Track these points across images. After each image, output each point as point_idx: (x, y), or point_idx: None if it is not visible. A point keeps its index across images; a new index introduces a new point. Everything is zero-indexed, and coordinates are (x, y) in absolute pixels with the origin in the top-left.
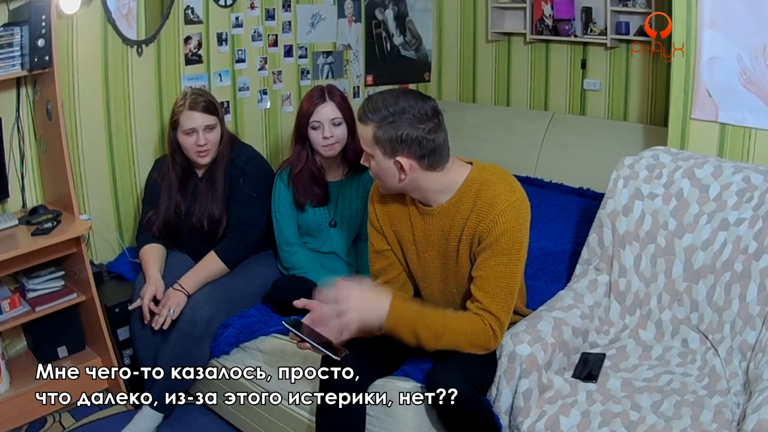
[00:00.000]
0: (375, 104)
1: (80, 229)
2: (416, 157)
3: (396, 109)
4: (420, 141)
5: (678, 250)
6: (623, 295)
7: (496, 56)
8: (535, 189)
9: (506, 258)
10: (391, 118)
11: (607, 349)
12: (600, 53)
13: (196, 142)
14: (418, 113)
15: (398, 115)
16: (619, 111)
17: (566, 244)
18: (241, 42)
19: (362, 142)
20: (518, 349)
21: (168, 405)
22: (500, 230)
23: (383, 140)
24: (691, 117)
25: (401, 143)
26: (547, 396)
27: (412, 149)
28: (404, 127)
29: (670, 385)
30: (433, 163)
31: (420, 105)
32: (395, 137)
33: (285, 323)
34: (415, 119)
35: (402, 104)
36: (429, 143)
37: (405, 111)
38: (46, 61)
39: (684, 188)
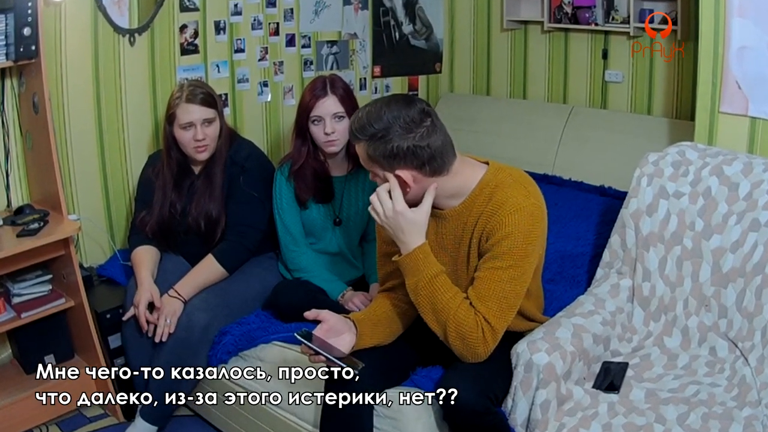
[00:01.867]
0: (360, 122)
1: (69, 230)
2: (415, 167)
3: (381, 125)
4: (414, 151)
5: (705, 252)
6: (647, 300)
7: (511, 46)
8: (553, 187)
9: (507, 262)
10: (380, 134)
11: (630, 357)
12: (622, 43)
13: (193, 137)
14: (404, 122)
15: (385, 129)
16: (643, 104)
17: (586, 246)
18: (240, 31)
19: (361, 160)
20: (535, 358)
21: (162, 416)
22: (505, 232)
23: (377, 157)
24: (719, 110)
25: (395, 158)
26: (566, 408)
27: (408, 160)
28: (394, 140)
29: (697, 396)
30: (435, 168)
31: (405, 112)
32: (388, 152)
33: (297, 335)
34: (403, 130)
35: (386, 117)
36: (424, 150)
37: (391, 124)
38: (33, 51)
39: (712, 186)
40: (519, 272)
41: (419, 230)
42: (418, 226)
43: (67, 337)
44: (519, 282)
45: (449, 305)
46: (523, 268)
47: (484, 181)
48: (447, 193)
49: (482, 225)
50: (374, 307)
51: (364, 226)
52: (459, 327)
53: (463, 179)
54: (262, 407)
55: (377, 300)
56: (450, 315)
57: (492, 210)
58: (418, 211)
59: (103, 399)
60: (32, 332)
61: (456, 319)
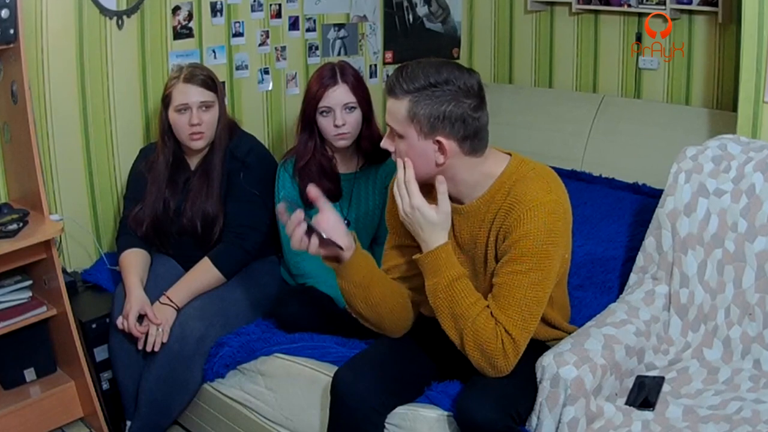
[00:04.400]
0: (412, 73)
1: (50, 232)
2: (458, 137)
3: (438, 80)
4: (464, 119)
5: (749, 255)
6: (685, 308)
7: (536, 29)
8: (582, 184)
9: (527, 265)
10: (432, 90)
11: (667, 371)
12: (658, 26)
13: (189, 121)
14: (464, 86)
15: (441, 86)
16: (681, 93)
17: (618, 249)
18: (238, 13)
19: (391, 119)
20: (562, 372)
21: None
22: (524, 230)
23: (421, 116)
24: (764, 101)
25: (443, 120)
26: (597, 426)
27: (455, 128)
28: (447, 102)
29: (740, 413)
30: (475, 147)
31: (465, 77)
32: (437, 113)
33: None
34: (460, 92)
35: (444, 74)
36: (474, 122)
37: (448, 82)
38: (11, 35)
39: (756, 184)
40: (540, 276)
41: (440, 229)
42: (438, 226)
43: (49, 349)
44: (541, 287)
45: (469, 312)
46: (545, 271)
47: (505, 174)
48: (472, 179)
49: (500, 222)
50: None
51: (375, 227)
52: (477, 336)
53: (488, 168)
54: (262, 425)
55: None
56: (468, 322)
57: (510, 205)
58: (438, 210)
59: (89, 416)
60: (10, 344)
61: (474, 327)
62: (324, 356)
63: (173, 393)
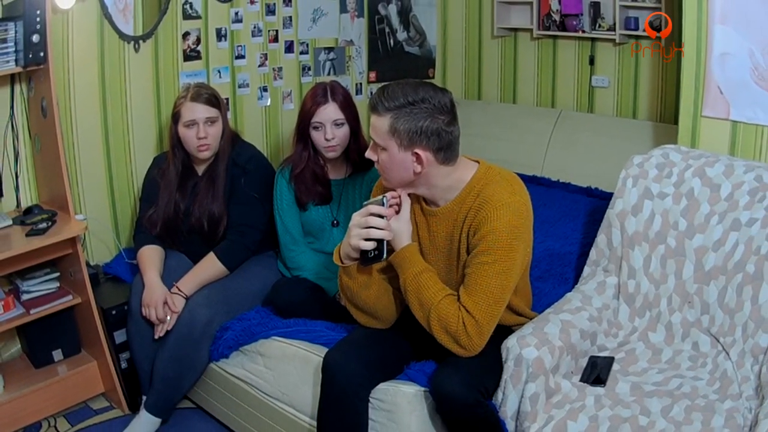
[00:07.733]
0: (393, 93)
1: (76, 230)
2: (434, 149)
3: (416, 98)
4: (439, 133)
5: (688, 251)
6: (632, 297)
7: (502, 52)
8: (542, 188)
9: (493, 257)
10: (411, 107)
11: (616, 352)
12: (608, 49)
13: (196, 135)
14: (438, 104)
15: (418, 104)
16: (628, 108)
17: (574, 245)
18: (240, 38)
19: (374, 133)
20: (525, 352)
21: (166, 409)
22: (491, 227)
23: (401, 131)
24: (701, 114)
25: (421, 134)
26: (555, 400)
27: (431, 141)
28: (424, 118)
29: (680, 389)
30: (448, 157)
31: (439, 96)
32: (415, 128)
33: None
34: (435, 110)
35: (421, 94)
36: (447, 135)
37: (425, 101)
38: (41, 57)
39: (695, 187)
40: (505, 267)
41: (404, 236)
42: (402, 234)
43: (75, 333)
44: (506, 276)
45: (433, 299)
46: (509, 263)
47: (475, 178)
48: (445, 184)
49: (470, 220)
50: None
51: None
52: (440, 318)
53: (459, 174)
54: (261, 400)
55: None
56: (433, 307)
57: (479, 205)
58: (398, 219)
59: (109, 392)
60: (41, 328)
61: (437, 310)
62: (316, 339)
63: (183, 371)
